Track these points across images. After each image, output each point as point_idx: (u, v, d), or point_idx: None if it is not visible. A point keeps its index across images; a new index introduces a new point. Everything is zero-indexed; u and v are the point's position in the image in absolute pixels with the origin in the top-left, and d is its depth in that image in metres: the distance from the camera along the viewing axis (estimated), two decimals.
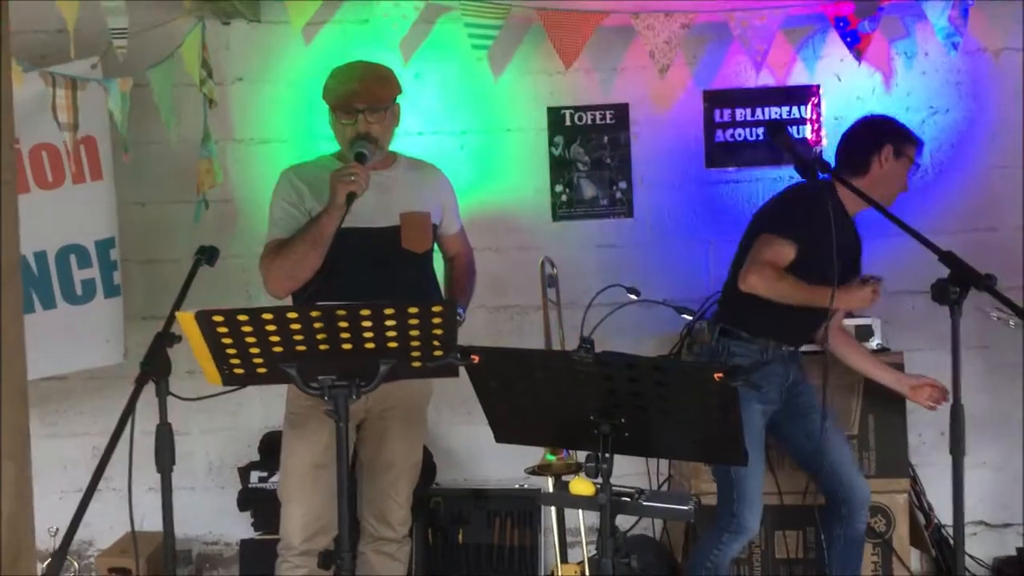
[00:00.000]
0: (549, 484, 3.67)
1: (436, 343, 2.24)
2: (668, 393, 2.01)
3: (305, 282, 2.85)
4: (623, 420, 2.07)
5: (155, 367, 2.28)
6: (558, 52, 3.92)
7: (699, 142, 4.18)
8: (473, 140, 4.20)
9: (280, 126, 4.20)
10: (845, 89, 4.17)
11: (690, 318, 2.83)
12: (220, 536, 4.27)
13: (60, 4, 2.86)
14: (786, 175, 4.06)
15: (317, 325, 2.16)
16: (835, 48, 4.10)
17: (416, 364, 2.26)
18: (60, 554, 1.80)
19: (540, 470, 3.54)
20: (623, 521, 3.80)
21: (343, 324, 2.16)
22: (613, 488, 2.24)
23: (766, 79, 4.16)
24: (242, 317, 2.12)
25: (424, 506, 3.98)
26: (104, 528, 4.24)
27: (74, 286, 3.81)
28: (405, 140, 4.14)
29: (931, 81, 4.16)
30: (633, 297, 2.65)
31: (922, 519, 3.85)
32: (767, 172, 4.18)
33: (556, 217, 4.21)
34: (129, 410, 2.25)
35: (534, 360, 2.03)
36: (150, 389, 2.45)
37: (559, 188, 4.20)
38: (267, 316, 2.12)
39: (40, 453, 2.44)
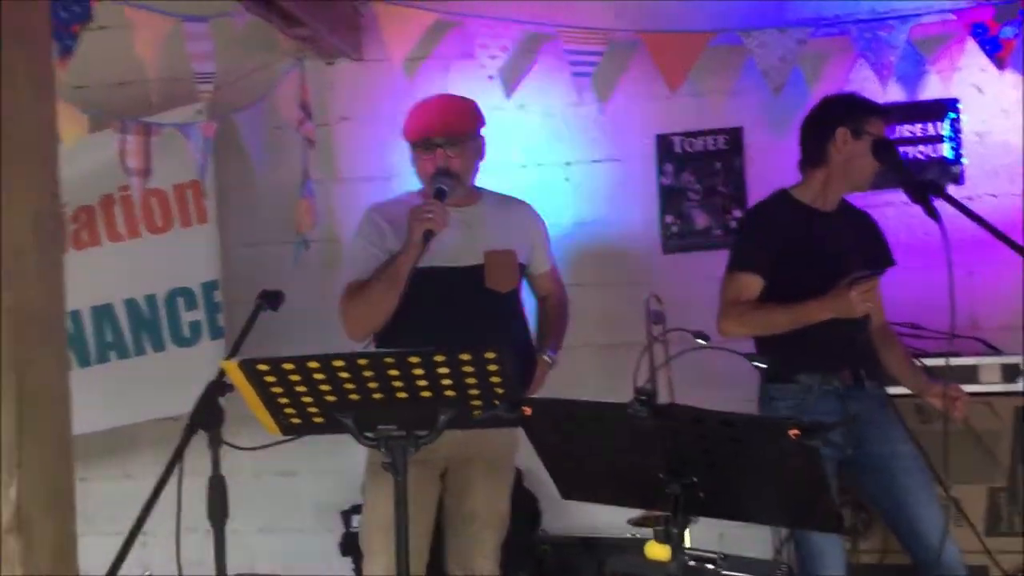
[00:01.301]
0: None
1: (496, 390, 2.08)
2: (743, 451, 1.78)
3: (383, 324, 2.75)
4: (695, 479, 1.85)
5: (205, 417, 2.21)
6: (663, 75, 3.73)
7: None
8: (578, 171, 4.04)
9: (385, 164, 4.15)
10: (988, 102, 3.78)
11: (764, 366, 2.57)
12: None
13: (141, 52, 2.89)
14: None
15: (367, 373, 2.04)
16: (975, 57, 3.71)
17: (476, 414, 2.10)
18: None
19: (644, 521, 3.32)
20: None
21: (393, 372, 2.04)
22: (691, 553, 2.03)
23: (896, 94, 3.81)
24: (288, 366, 2.02)
25: (530, 554, 3.81)
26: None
27: (182, 328, 3.87)
28: (508, 173, 4.03)
29: None
30: (701, 343, 2.41)
31: None
32: (899, 195, 3.83)
33: (667, 249, 3.98)
34: (175, 459, 2.19)
35: (588, 412, 1.85)
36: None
37: (669, 219, 3.98)
38: (313, 364, 2.02)
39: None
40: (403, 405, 2.12)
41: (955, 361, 3.20)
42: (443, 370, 2.03)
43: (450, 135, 2.77)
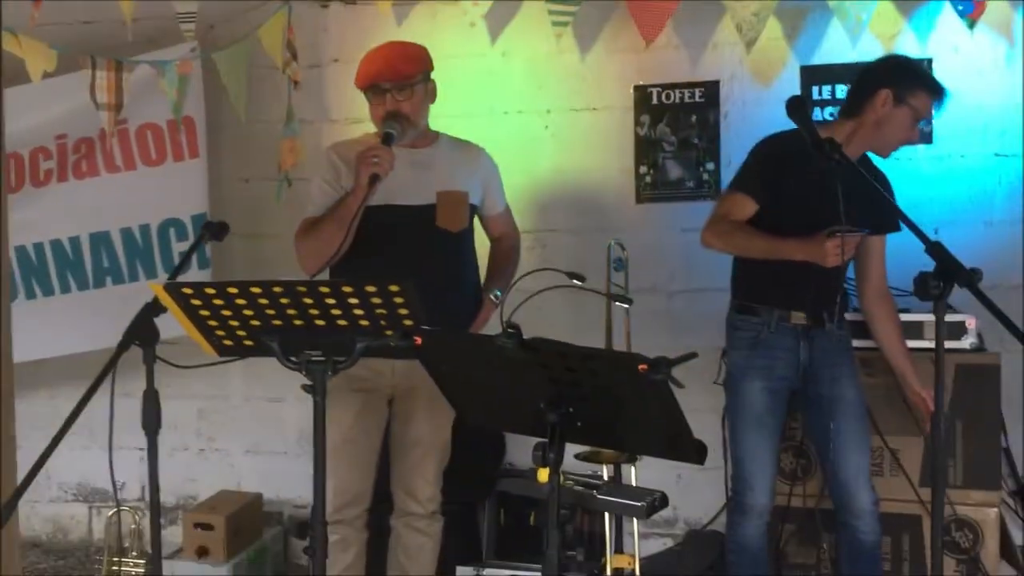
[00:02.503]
0: (604, 472, 3.60)
1: (405, 322, 2.22)
2: (606, 384, 1.92)
3: (333, 260, 2.90)
4: (571, 410, 1.99)
5: (140, 335, 2.39)
6: (639, 27, 3.77)
7: None
8: (558, 119, 4.14)
9: None
10: (963, 62, 3.80)
11: (627, 306, 2.66)
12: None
13: None
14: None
15: (284, 300, 2.19)
16: (953, 17, 3.72)
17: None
18: (11, 503, 1.93)
19: (592, 457, 3.49)
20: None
21: (308, 300, 2.19)
22: (578, 479, 2.18)
23: (871, 52, 3.83)
24: (210, 290, 2.19)
25: (495, 486, 3.99)
26: (207, 485, 4.53)
27: (173, 258, 4.08)
28: (490, 119, 4.16)
29: None
30: (577, 283, 2.53)
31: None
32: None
33: (639, 199, 4.09)
34: (105, 373, 2.36)
35: (467, 344, 1.99)
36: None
37: (643, 169, 4.07)
38: (233, 290, 2.18)
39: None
40: (323, 332, 2.27)
41: (903, 317, 3.30)
42: (353, 300, 2.18)
43: (398, 80, 2.89)
